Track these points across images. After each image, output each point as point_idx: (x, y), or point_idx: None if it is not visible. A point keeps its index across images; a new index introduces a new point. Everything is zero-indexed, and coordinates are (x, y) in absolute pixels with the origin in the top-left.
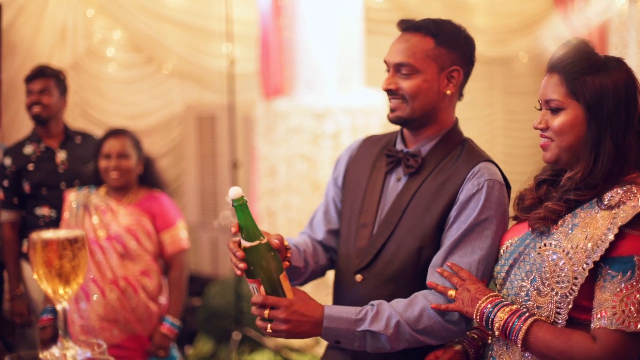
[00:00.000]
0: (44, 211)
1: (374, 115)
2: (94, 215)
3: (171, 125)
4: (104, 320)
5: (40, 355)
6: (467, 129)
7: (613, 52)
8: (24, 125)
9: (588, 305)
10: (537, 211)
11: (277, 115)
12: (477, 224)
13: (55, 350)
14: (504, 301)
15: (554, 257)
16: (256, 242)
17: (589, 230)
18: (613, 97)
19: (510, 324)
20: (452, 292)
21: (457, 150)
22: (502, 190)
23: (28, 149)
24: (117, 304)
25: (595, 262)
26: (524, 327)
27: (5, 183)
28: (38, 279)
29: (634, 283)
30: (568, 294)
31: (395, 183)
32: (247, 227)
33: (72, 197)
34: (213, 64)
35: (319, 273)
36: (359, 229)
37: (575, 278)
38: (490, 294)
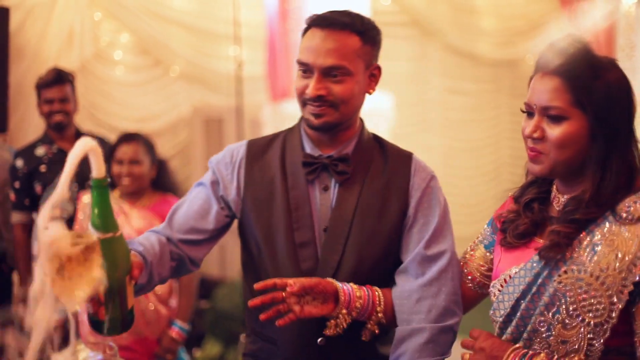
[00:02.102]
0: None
1: (380, 117)
2: None
3: (178, 128)
4: None
5: (52, 357)
6: (473, 132)
7: (620, 54)
8: (32, 129)
9: (621, 330)
10: (542, 239)
11: (284, 118)
12: (444, 213)
13: (66, 353)
14: (529, 351)
15: (581, 283)
16: (110, 234)
17: (619, 249)
18: (620, 106)
19: None
20: (466, 357)
21: (376, 146)
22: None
23: (40, 151)
24: None
25: (634, 283)
26: None
27: (17, 184)
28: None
29: None
30: (604, 322)
31: (324, 193)
32: (105, 214)
33: (86, 199)
34: (220, 67)
35: (155, 286)
36: (297, 249)
37: (613, 304)
38: (512, 348)
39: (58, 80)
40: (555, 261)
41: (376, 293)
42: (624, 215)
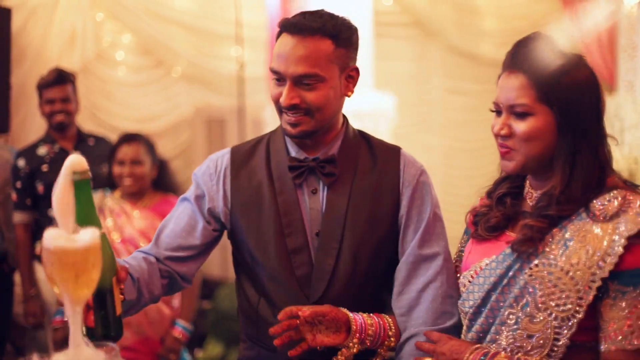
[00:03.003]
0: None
1: (382, 118)
2: (108, 218)
3: (180, 128)
4: None
5: (54, 358)
6: (474, 132)
7: (622, 54)
8: (34, 129)
9: (588, 326)
10: (513, 233)
11: None
12: (436, 209)
13: (69, 352)
14: (490, 351)
15: (551, 277)
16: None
17: (590, 245)
18: (588, 100)
19: None
20: None
21: (362, 144)
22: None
23: (42, 150)
24: None
25: (602, 279)
26: None
27: (18, 184)
28: (51, 282)
29: None
30: (571, 317)
31: (313, 196)
32: (87, 211)
33: None
34: (222, 68)
35: (148, 304)
36: (291, 256)
37: (580, 298)
38: (473, 347)
39: (59, 80)
40: (528, 254)
41: (385, 320)
42: (597, 213)
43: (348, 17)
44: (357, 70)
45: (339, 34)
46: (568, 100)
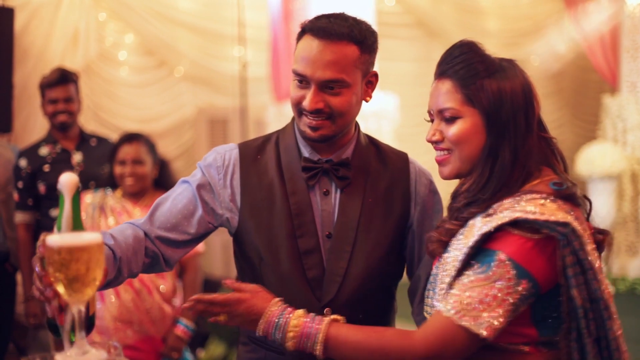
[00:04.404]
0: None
1: (385, 119)
2: (110, 217)
3: (183, 128)
4: (118, 321)
5: (56, 357)
6: None
7: (625, 55)
8: (37, 129)
9: (509, 330)
10: (432, 234)
11: (289, 119)
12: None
13: (71, 352)
14: (288, 307)
15: (446, 267)
16: None
17: (468, 237)
18: (511, 102)
19: (306, 329)
20: (222, 318)
21: (372, 149)
22: None
23: (44, 150)
24: (132, 305)
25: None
26: (323, 328)
27: (20, 184)
28: (54, 282)
29: (486, 279)
30: (447, 287)
31: (324, 197)
32: (78, 217)
33: (88, 199)
34: (225, 68)
35: (124, 280)
36: (303, 258)
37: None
38: (273, 302)
39: (62, 80)
40: (440, 253)
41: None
42: (491, 211)
43: (368, 22)
44: (376, 75)
45: (364, 40)
46: (491, 101)
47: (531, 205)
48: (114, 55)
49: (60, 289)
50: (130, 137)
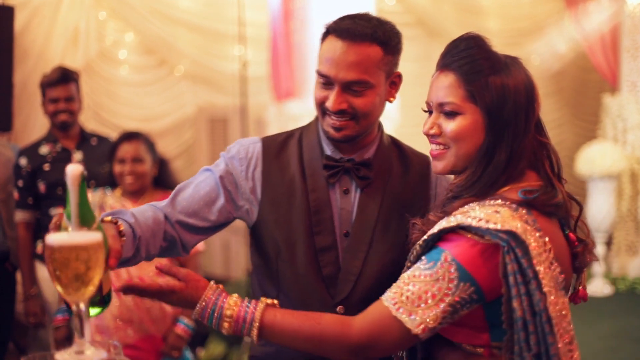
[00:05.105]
0: (58, 211)
1: (385, 119)
2: None
3: (183, 127)
4: (119, 320)
5: (56, 356)
6: None
7: (625, 54)
8: (37, 128)
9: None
10: (416, 222)
11: (289, 118)
12: None
13: (71, 351)
14: (223, 292)
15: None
16: (94, 226)
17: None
18: (514, 101)
19: (242, 313)
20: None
21: (394, 150)
22: None
23: (44, 149)
24: (132, 304)
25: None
26: (258, 313)
27: (20, 183)
28: (54, 281)
29: (429, 275)
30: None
31: (344, 196)
32: (85, 210)
33: (90, 198)
34: (225, 67)
35: (140, 262)
36: (319, 254)
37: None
38: (211, 284)
39: (63, 79)
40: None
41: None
42: (450, 209)
43: (392, 23)
44: (400, 76)
45: (388, 41)
46: (493, 99)
47: (483, 212)
48: (114, 54)
49: (60, 288)
50: (130, 136)
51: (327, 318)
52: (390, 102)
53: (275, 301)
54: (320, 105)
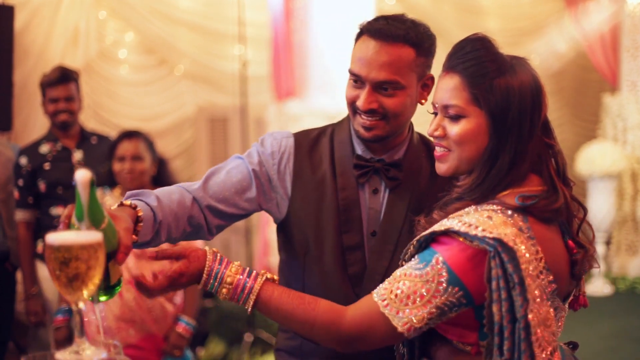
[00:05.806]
0: (59, 211)
1: None
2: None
3: (183, 127)
4: (120, 320)
5: (56, 356)
6: None
7: (625, 54)
8: (37, 128)
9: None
10: (421, 220)
11: (289, 118)
12: None
13: (71, 351)
14: (225, 258)
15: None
16: (103, 226)
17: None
18: (519, 105)
19: (241, 282)
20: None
21: (423, 150)
22: None
23: (44, 148)
24: (134, 304)
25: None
26: (257, 285)
27: (20, 182)
28: (54, 280)
29: (419, 276)
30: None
31: (373, 196)
32: (95, 213)
33: None
34: (225, 67)
35: (161, 244)
36: (346, 252)
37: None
38: (210, 251)
39: (63, 79)
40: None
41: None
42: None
43: (427, 25)
44: (432, 78)
45: (421, 43)
46: (498, 102)
47: (475, 217)
48: (114, 53)
49: (60, 287)
50: (129, 134)
51: (322, 305)
52: (422, 104)
53: (276, 277)
54: (351, 104)
